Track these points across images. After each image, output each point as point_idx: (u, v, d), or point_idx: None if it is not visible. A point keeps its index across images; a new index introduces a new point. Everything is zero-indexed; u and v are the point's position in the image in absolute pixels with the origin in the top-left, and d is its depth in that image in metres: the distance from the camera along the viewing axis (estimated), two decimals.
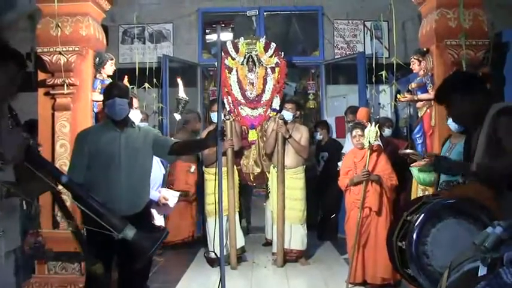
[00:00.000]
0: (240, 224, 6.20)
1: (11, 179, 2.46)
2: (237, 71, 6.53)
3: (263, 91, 6.49)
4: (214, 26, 3.46)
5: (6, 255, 2.51)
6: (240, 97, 6.48)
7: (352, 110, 6.67)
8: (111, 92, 3.40)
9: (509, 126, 2.37)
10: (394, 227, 2.59)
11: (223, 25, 3.46)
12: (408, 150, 5.50)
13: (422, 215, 2.32)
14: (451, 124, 4.34)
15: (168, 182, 6.90)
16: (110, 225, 2.64)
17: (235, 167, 6.00)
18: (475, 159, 2.54)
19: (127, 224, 2.74)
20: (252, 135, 6.47)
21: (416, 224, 2.30)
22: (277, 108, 6.37)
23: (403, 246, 2.38)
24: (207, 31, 3.45)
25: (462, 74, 2.77)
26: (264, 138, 6.21)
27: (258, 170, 6.36)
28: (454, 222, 2.31)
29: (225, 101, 6.49)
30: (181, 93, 6.04)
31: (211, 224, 5.73)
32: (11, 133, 2.40)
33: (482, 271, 1.91)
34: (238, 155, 6.11)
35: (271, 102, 6.48)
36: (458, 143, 4.22)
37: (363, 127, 5.04)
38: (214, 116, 5.78)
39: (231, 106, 6.47)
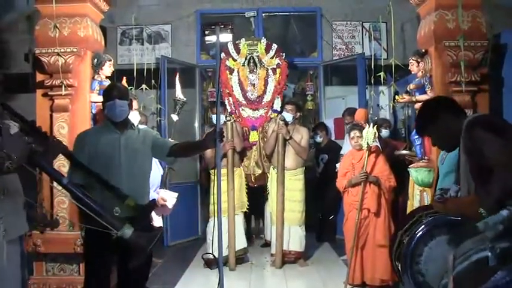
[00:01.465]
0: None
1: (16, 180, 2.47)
2: (238, 72, 6.55)
3: (264, 92, 6.51)
4: (213, 27, 3.42)
5: (12, 242, 2.50)
6: (241, 98, 6.50)
7: (350, 111, 6.67)
8: (111, 93, 3.40)
9: (482, 136, 2.36)
10: (392, 247, 2.62)
11: (222, 26, 3.43)
12: (404, 152, 5.51)
13: (416, 236, 2.36)
14: None
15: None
16: (108, 223, 2.66)
17: (241, 168, 6.01)
18: (461, 179, 2.56)
19: (125, 223, 2.76)
20: (253, 136, 6.48)
21: (408, 245, 2.33)
22: (278, 109, 6.38)
23: (399, 267, 2.41)
24: (206, 32, 3.42)
25: (432, 105, 2.78)
26: (265, 140, 6.21)
27: (259, 171, 6.36)
28: (446, 239, 2.34)
29: (226, 102, 6.51)
30: (179, 93, 6.02)
31: (212, 224, 5.73)
32: (13, 137, 2.40)
33: (492, 261, 1.91)
34: (241, 156, 6.10)
35: (272, 103, 6.50)
36: None
37: (361, 128, 5.05)
38: (215, 118, 5.78)
39: (232, 107, 6.48)
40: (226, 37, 3.58)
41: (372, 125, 4.99)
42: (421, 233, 2.35)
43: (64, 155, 3.15)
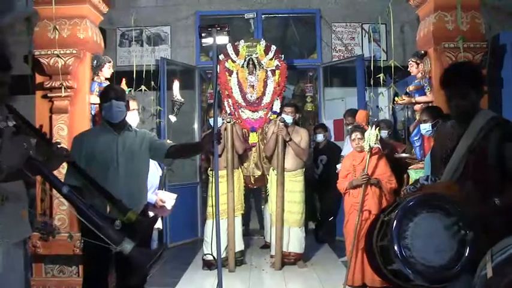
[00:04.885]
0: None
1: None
2: (237, 73, 6.55)
3: (263, 94, 6.51)
4: (209, 29, 3.43)
5: (17, 245, 2.49)
6: (240, 100, 6.50)
7: (351, 112, 6.65)
8: (107, 94, 3.40)
9: None
10: (372, 230, 2.65)
11: (218, 28, 3.44)
12: (404, 155, 5.51)
13: (399, 212, 2.43)
14: (423, 129, 4.36)
15: None
16: (107, 237, 2.62)
17: (239, 169, 6.01)
18: (450, 165, 2.61)
19: (124, 238, 2.69)
20: (253, 138, 6.48)
21: (394, 221, 2.41)
22: (278, 111, 6.38)
23: (385, 243, 2.45)
24: (202, 35, 3.42)
25: (474, 66, 2.84)
26: (265, 141, 6.20)
27: (258, 173, 6.36)
28: (428, 216, 2.41)
29: (226, 103, 6.50)
30: (177, 94, 6.03)
31: (209, 226, 5.72)
32: (13, 141, 2.36)
33: None
34: (240, 158, 6.09)
35: (272, 105, 6.51)
36: None
37: (362, 130, 5.03)
38: (211, 121, 5.78)
39: (232, 109, 6.47)
40: (223, 39, 3.58)
41: (374, 126, 4.96)
42: (404, 210, 2.43)
43: (67, 162, 3.14)
